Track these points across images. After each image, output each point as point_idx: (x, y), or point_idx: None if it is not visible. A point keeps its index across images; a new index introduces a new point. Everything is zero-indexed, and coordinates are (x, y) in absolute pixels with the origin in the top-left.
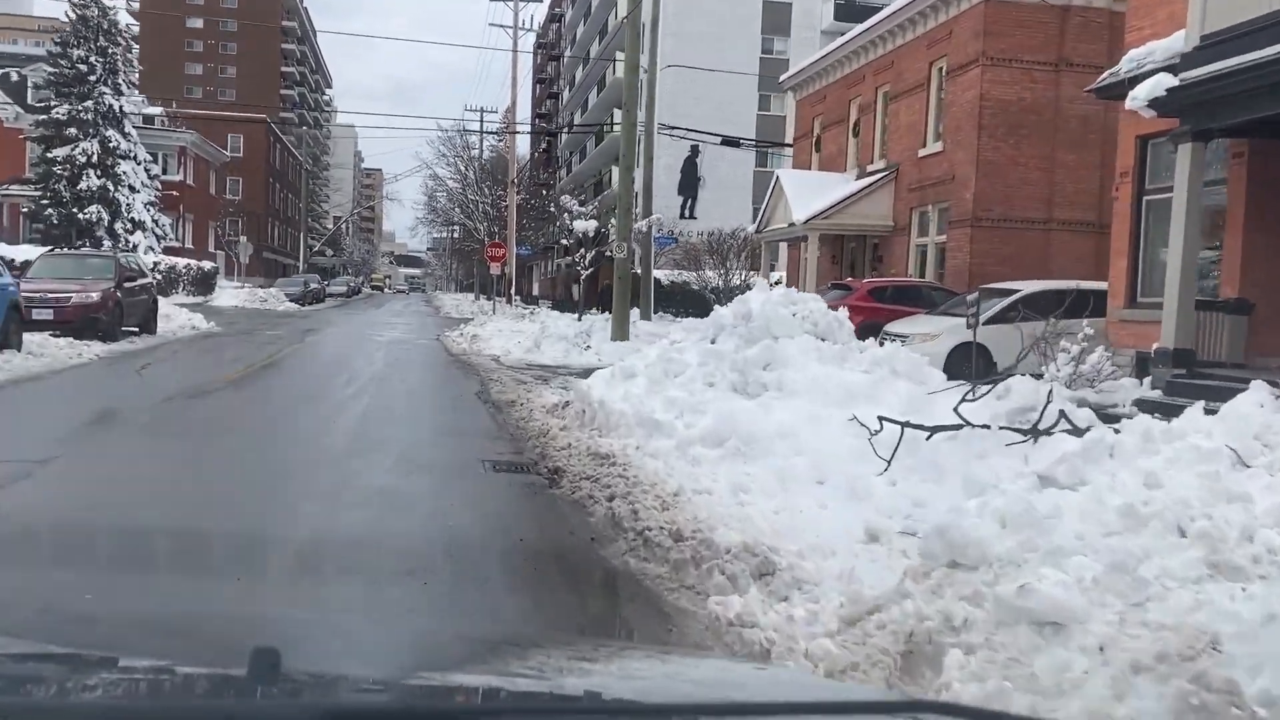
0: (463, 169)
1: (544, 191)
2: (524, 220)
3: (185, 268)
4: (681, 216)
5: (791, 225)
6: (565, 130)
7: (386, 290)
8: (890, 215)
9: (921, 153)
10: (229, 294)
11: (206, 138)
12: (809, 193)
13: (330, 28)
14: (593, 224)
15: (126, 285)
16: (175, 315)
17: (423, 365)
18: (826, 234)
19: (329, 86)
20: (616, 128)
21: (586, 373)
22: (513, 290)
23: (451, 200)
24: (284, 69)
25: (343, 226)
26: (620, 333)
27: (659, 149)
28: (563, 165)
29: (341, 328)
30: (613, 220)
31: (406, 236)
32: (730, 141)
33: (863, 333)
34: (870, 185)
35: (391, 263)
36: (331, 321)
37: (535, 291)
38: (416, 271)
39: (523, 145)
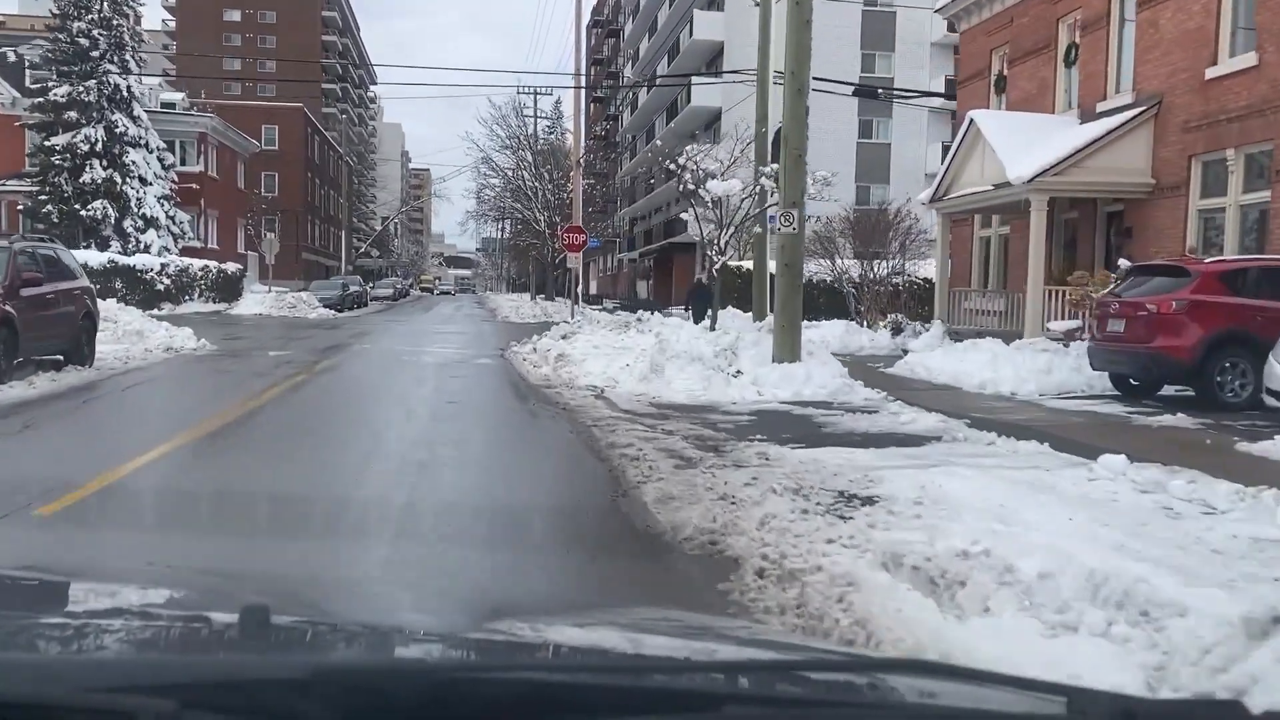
0: (520, 150)
1: (602, 181)
2: (588, 209)
3: (202, 270)
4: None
5: (1001, 187)
6: (647, 84)
7: (435, 292)
8: (1148, 169)
9: (1212, 73)
10: (255, 299)
11: (238, 128)
12: (1021, 141)
13: (376, 28)
14: (736, 184)
15: (29, 293)
16: (150, 332)
17: (494, 415)
18: (1054, 199)
19: (373, 83)
20: (699, 92)
21: (758, 418)
22: (579, 288)
23: (506, 186)
24: (325, 61)
25: (390, 226)
26: (788, 350)
27: (737, 114)
28: (624, 150)
29: (377, 342)
30: (766, 179)
31: (455, 236)
32: (865, 91)
33: (1218, 347)
34: (1117, 129)
35: (441, 264)
36: (367, 333)
37: (594, 290)
38: (466, 272)
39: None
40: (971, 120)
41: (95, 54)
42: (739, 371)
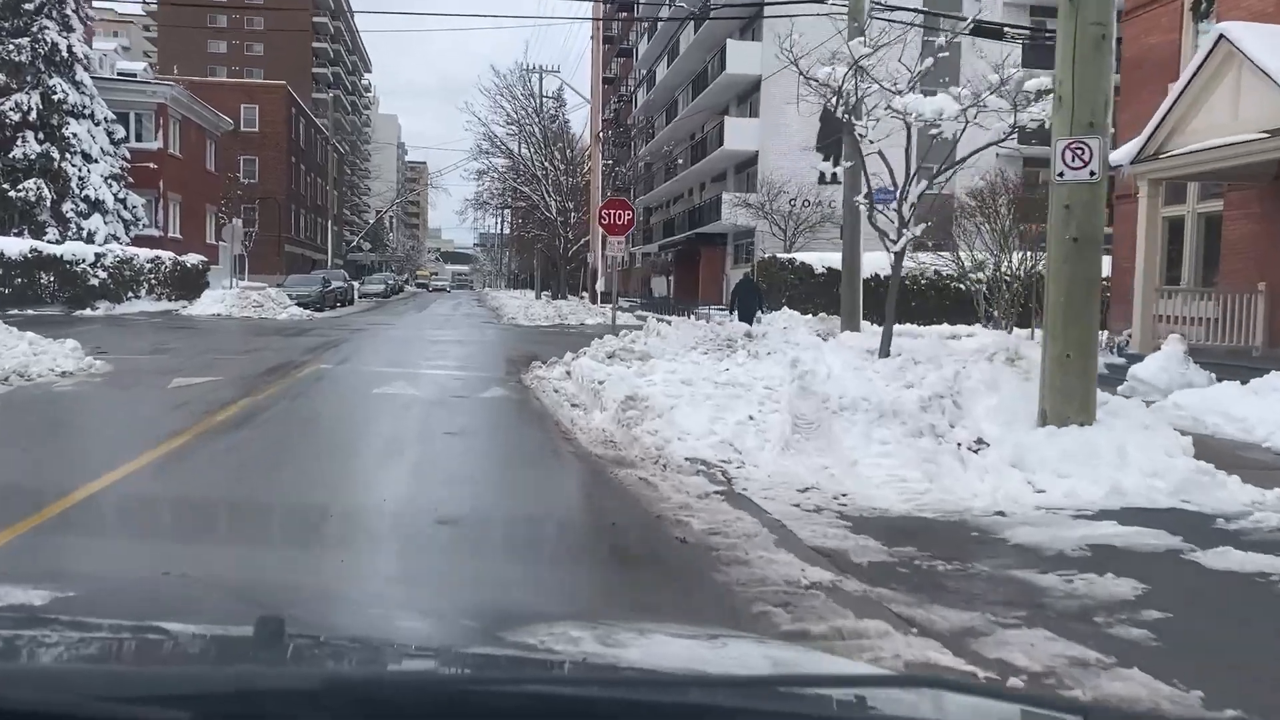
0: (526, 124)
1: (611, 170)
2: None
3: (152, 262)
4: (820, 181)
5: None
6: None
7: (430, 289)
8: None
9: None
10: (215, 297)
11: (214, 107)
12: None
13: (374, 22)
14: (947, 103)
15: None
16: (36, 362)
17: (542, 574)
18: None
19: (368, 70)
20: (735, 56)
21: (1108, 567)
22: (598, 285)
23: (512, 167)
24: (316, 44)
25: (384, 219)
26: (1075, 399)
27: (778, 86)
28: (639, 134)
29: (347, 359)
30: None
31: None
32: (990, 32)
33: None
34: None
35: (437, 259)
36: (338, 343)
37: (601, 286)
38: (464, 268)
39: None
40: (1221, 39)
41: (29, 6)
42: (980, 442)
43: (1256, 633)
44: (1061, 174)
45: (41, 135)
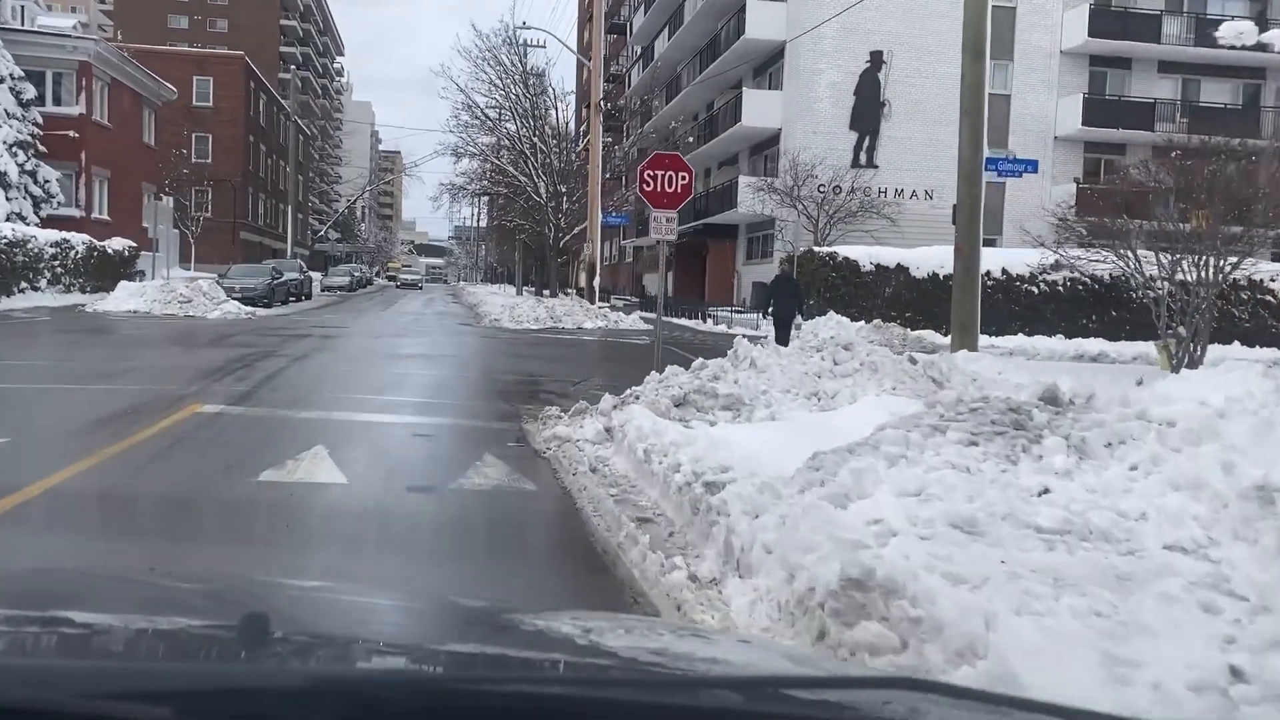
0: (513, 89)
1: (612, 147)
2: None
3: (57, 246)
4: (855, 164)
5: None
6: None
7: (397, 284)
8: None
9: None
10: (133, 291)
11: (164, 78)
12: None
13: (354, 18)
14: None
15: None
16: None
17: None
18: None
19: (340, 54)
20: (756, 16)
21: None
22: (595, 281)
23: (495, 144)
24: (284, 21)
25: (355, 209)
26: None
27: (818, 58)
28: (631, 117)
29: (245, 404)
30: None
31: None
32: None
33: None
34: None
35: (410, 250)
36: (264, 356)
37: (583, 282)
38: (439, 261)
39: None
40: None
41: None
42: None
43: None
44: None
45: None
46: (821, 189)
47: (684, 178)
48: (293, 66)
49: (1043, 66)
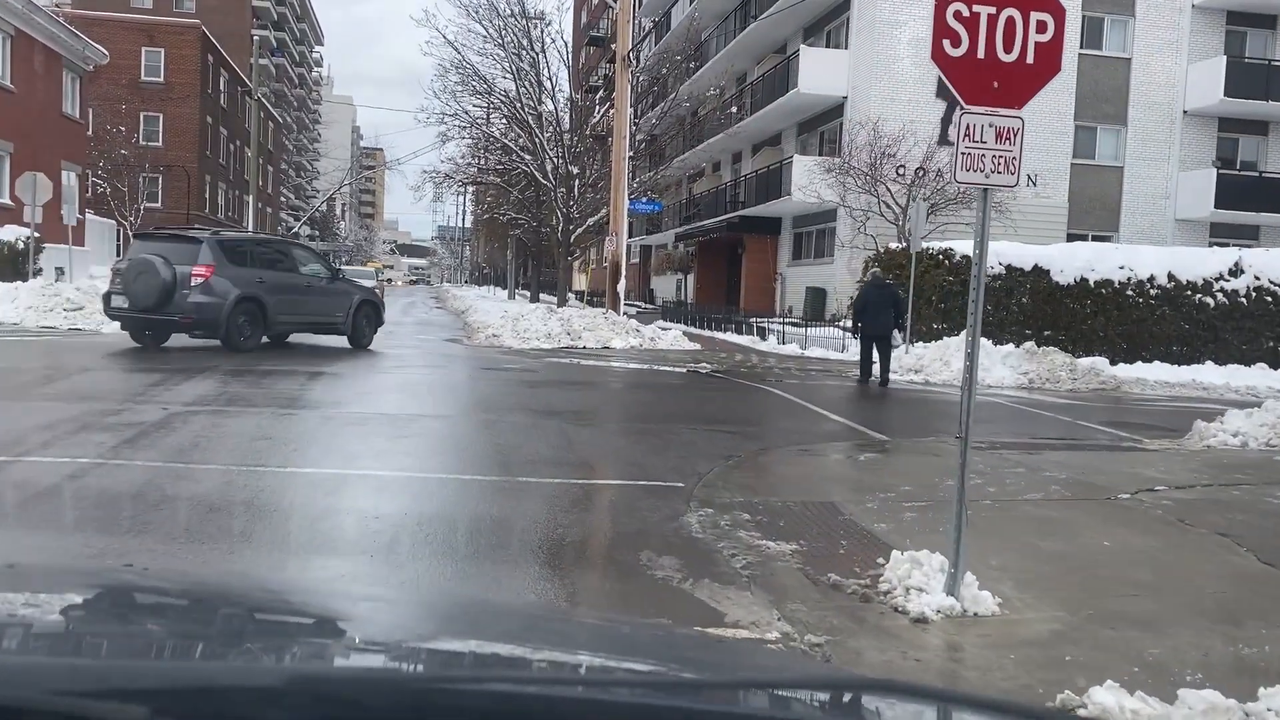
0: (517, 39)
1: (602, 144)
2: (596, 178)
3: None
4: (943, 139)
5: None
6: None
7: (380, 280)
8: None
9: None
10: (6, 295)
11: (109, 50)
12: None
13: (338, 17)
14: None
15: None
16: None
17: None
18: None
19: (319, 43)
20: None
21: None
22: (621, 285)
23: (490, 106)
24: (257, 3)
25: (335, 207)
26: None
27: (899, 6)
28: (642, 98)
29: None
30: None
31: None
32: None
33: None
34: None
35: (392, 251)
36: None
37: (579, 285)
38: (422, 261)
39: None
40: None
41: None
42: None
43: None
44: None
45: None
46: (901, 171)
47: (1044, 29)
48: (268, 52)
49: (1169, 24)
